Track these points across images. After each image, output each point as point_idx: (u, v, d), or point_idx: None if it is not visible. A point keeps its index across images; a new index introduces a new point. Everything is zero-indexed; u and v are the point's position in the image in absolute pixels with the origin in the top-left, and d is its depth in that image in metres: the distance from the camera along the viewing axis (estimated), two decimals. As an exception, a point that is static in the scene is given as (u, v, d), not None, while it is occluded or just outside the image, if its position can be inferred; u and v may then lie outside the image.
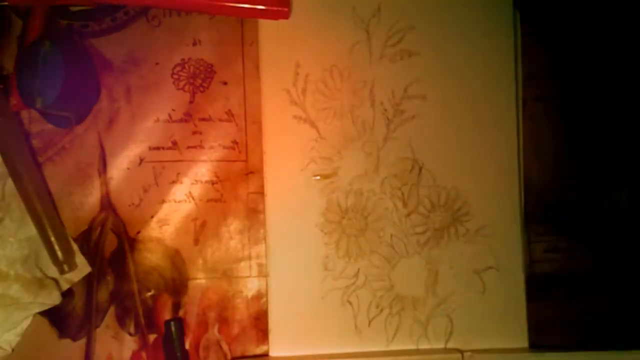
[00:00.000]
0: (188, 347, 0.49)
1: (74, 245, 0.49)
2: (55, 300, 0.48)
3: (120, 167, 0.50)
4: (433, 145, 0.50)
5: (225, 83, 0.51)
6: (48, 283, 0.48)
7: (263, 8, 0.48)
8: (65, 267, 0.48)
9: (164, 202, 0.50)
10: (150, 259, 0.50)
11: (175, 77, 0.50)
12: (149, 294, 0.50)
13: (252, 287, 0.50)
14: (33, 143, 0.50)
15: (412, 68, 0.50)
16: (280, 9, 0.48)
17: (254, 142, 0.50)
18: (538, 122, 0.51)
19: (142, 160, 0.50)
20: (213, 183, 0.50)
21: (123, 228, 0.50)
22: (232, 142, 0.50)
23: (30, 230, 0.48)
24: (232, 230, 0.50)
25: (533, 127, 0.51)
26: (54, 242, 0.47)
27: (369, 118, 0.50)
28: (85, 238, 0.50)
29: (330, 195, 0.50)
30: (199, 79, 0.50)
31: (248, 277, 0.50)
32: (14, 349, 0.48)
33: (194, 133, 0.50)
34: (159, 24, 0.50)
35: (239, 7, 0.48)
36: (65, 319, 0.49)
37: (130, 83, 0.50)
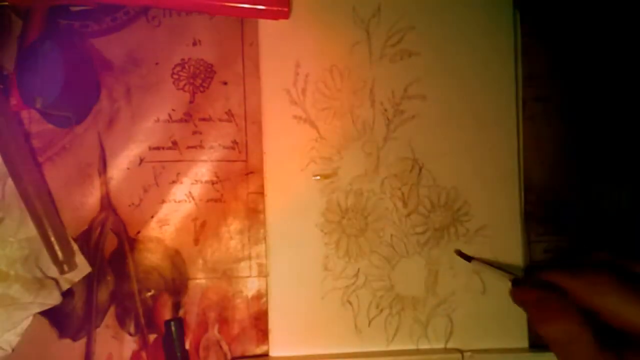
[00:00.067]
0: (188, 347, 0.50)
1: (74, 245, 0.49)
2: (56, 300, 0.48)
3: (120, 167, 0.50)
4: (433, 145, 0.50)
5: (225, 83, 0.51)
6: (48, 283, 0.48)
7: (263, 8, 0.48)
8: (65, 267, 0.48)
9: (164, 202, 0.50)
10: (150, 259, 0.50)
11: (175, 77, 0.50)
12: (149, 294, 0.50)
13: (252, 287, 0.50)
14: (33, 143, 0.50)
15: (412, 68, 0.50)
16: (280, 9, 0.48)
17: (254, 142, 0.50)
18: (538, 122, 0.51)
19: (142, 160, 0.50)
20: (213, 183, 0.50)
21: (123, 228, 0.50)
22: (232, 142, 0.50)
23: (30, 230, 0.48)
24: (232, 230, 0.50)
25: (533, 127, 0.51)
26: (54, 242, 0.47)
27: (369, 118, 0.50)
28: (85, 238, 0.50)
29: (330, 195, 0.50)
30: (199, 79, 0.50)
31: (248, 277, 0.50)
32: (14, 349, 0.48)
33: (194, 133, 0.50)
34: (159, 24, 0.50)
35: (239, 7, 0.48)
36: (65, 319, 0.49)
37: (130, 83, 0.50)
